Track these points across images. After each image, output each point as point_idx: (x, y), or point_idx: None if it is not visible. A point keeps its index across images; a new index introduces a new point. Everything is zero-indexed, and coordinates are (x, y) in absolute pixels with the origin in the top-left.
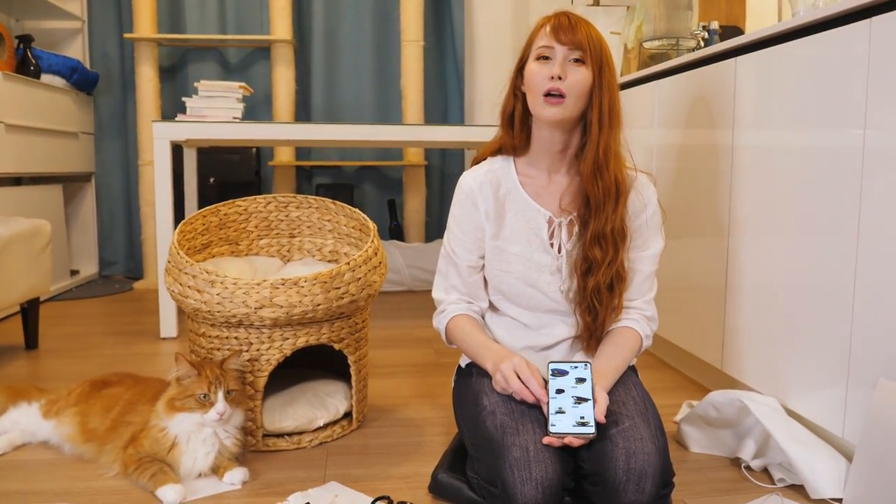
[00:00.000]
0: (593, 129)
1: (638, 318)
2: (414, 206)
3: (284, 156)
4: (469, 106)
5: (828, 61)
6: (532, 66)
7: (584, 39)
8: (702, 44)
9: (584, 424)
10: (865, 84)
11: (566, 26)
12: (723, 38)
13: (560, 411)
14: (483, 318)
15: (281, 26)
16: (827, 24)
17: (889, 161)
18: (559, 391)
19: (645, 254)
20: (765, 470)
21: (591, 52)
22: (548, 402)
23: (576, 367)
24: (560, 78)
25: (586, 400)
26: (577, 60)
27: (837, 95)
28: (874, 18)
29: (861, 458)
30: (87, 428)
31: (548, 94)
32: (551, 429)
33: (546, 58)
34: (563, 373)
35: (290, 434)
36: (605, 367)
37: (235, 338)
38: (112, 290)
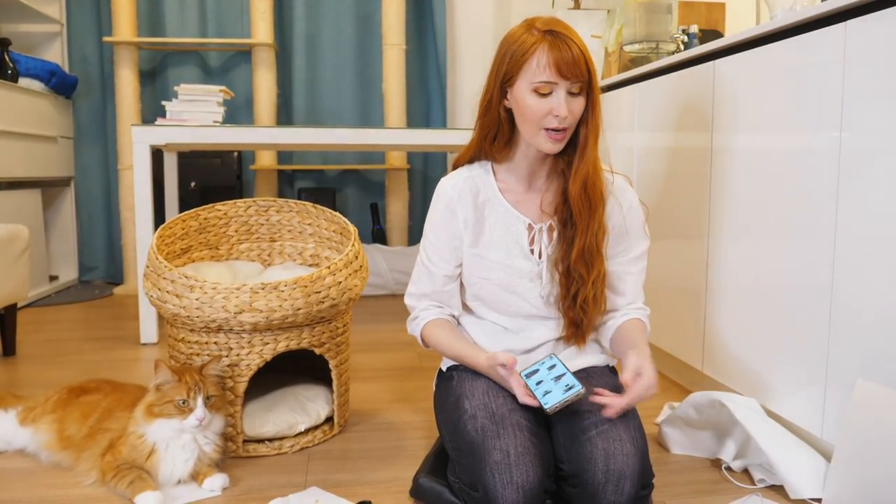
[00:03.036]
0: (587, 149)
1: (640, 314)
2: (396, 210)
3: (266, 160)
4: (451, 109)
5: (805, 64)
6: (529, 101)
7: (584, 69)
8: (682, 47)
9: (570, 388)
10: (841, 86)
11: (568, 59)
12: (702, 41)
13: (547, 392)
14: (457, 321)
15: (262, 29)
16: (804, 28)
17: (865, 163)
18: (538, 382)
19: (631, 255)
20: (745, 471)
21: (590, 79)
22: (534, 396)
23: (542, 363)
24: (566, 116)
25: (563, 374)
26: (576, 92)
27: (814, 98)
28: (849, 22)
29: (840, 457)
30: (64, 435)
31: (550, 129)
32: (546, 406)
33: (546, 93)
34: (534, 371)
35: (270, 439)
36: (636, 341)
37: (215, 343)
38: (92, 295)
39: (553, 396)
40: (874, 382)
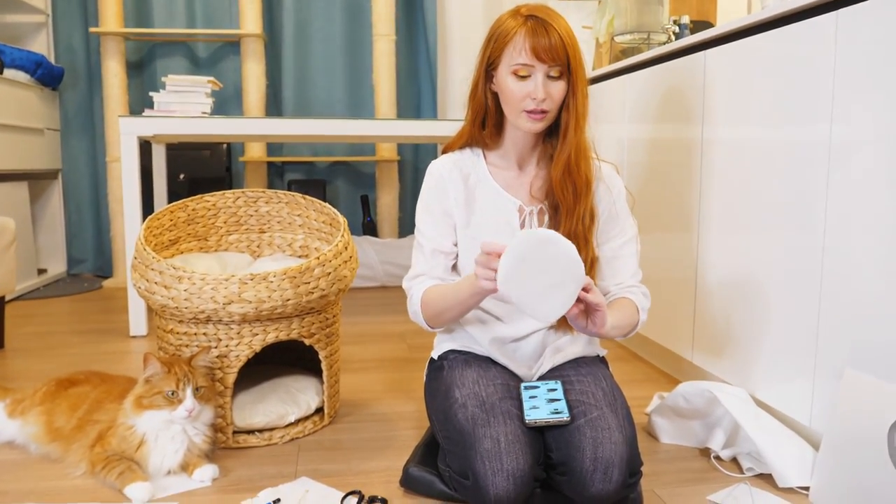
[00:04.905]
0: (569, 133)
1: (635, 291)
2: (387, 202)
3: (256, 151)
4: (441, 100)
5: (795, 54)
6: (510, 83)
7: (562, 54)
8: (673, 38)
9: (557, 413)
10: (832, 77)
11: (545, 44)
12: (694, 32)
13: (534, 407)
14: None
15: (251, 20)
16: (794, 17)
17: (854, 154)
18: (532, 397)
19: (624, 238)
20: (734, 459)
21: (569, 63)
22: (521, 391)
23: (546, 383)
24: (544, 99)
25: (558, 400)
26: (555, 76)
27: (805, 88)
28: (840, 11)
29: (827, 446)
30: (53, 427)
31: (530, 111)
32: (527, 418)
33: (525, 75)
34: (534, 387)
35: (260, 430)
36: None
37: (204, 334)
38: (80, 288)
39: (538, 413)
40: (862, 372)
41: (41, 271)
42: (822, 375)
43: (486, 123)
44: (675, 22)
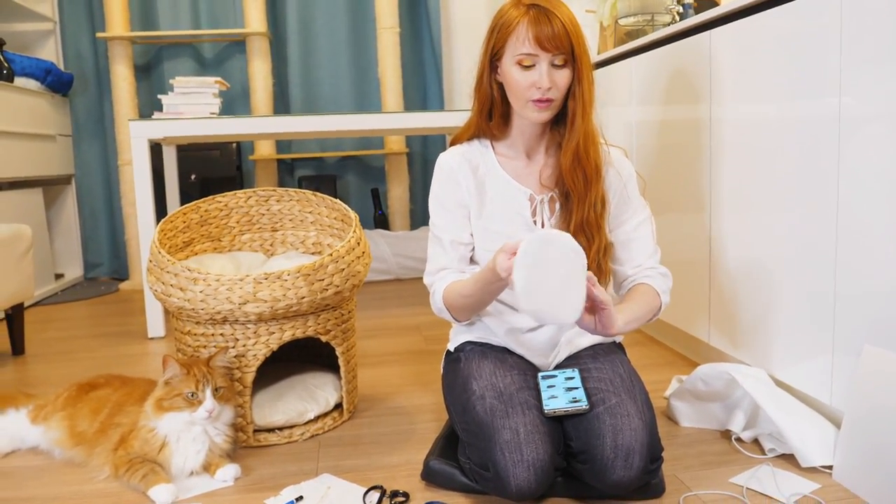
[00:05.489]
0: (576, 121)
1: (653, 274)
2: (397, 195)
3: (265, 149)
4: (448, 91)
5: (801, 30)
6: (514, 73)
7: (566, 42)
8: (677, 18)
9: (576, 402)
10: (839, 52)
11: (548, 33)
12: (698, 11)
13: (553, 396)
14: None
15: (255, 19)
16: None
17: (864, 127)
18: (550, 386)
19: (637, 220)
20: (755, 441)
21: (573, 50)
22: (538, 383)
23: (563, 372)
24: (549, 88)
25: (576, 388)
26: (560, 64)
27: (812, 64)
28: None
29: (849, 424)
30: (75, 431)
31: (535, 100)
32: (545, 408)
33: (529, 65)
34: (552, 376)
35: (280, 428)
36: (622, 308)
37: (221, 334)
38: (98, 291)
39: (557, 402)
40: (881, 348)
41: (58, 276)
42: (840, 353)
43: (493, 114)
44: (678, 2)
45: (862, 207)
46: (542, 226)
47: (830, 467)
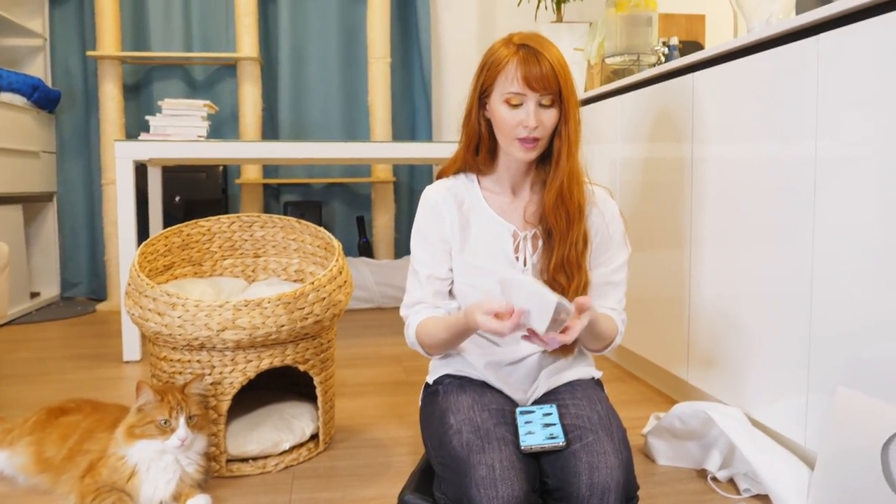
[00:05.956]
0: (561, 160)
1: (616, 316)
2: (383, 223)
3: (252, 173)
4: (437, 122)
5: (781, 75)
6: (502, 112)
7: (553, 83)
8: (662, 59)
9: (553, 438)
10: (816, 96)
11: (537, 73)
12: (683, 53)
13: (529, 432)
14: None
15: (247, 43)
16: (779, 41)
17: (839, 170)
18: (527, 422)
19: (613, 266)
20: (731, 481)
21: (561, 91)
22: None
23: (541, 408)
24: (536, 127)
25: (553, 424)
26: (547, 104)
27: (790, 108)
28: (821, 35)
29: (822, 465)
30: (42, 457)
31: (522, 139)
32: (522, 444)
33: (517, 104)
34: (530, 412)
35: (254, 458)
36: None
37: (198, 361)
38: (74, 312)
39: (533, 438)
40: (855, 390)
41: (34, 295)
42: (815, 393)
43: (480, 149)
44: (664, 43)
45: (837, 248)
46: (525, 263)
47: None
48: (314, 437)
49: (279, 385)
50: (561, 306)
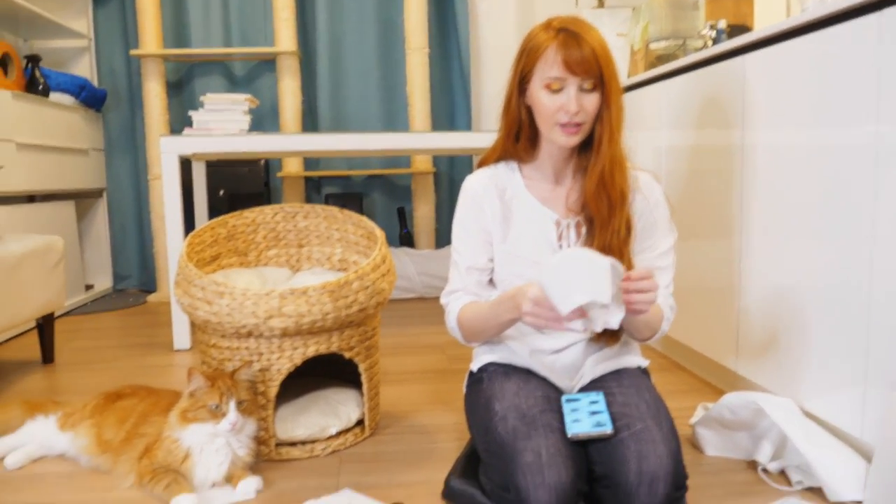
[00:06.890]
0: (602, 146)
1: (664, 304)
2: (423, 214)
3: (293, 167)
4: (476, 111)
5: (837, 57)
6: (542, 97)
7: (595, 67)
8: (709, 43)
9: (600, 426)
10: (877, 79)
11: (577, 57)
12: (731, 36)
13: (576, 420)
14: None
15: (286, 38)
16: (835, 19)
17: None
18: (574, 410)
19: (659, 251)
20: (782, 472)
21: (602, 75)
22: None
23: (588, 395)
24: (577, 112)
25: (600, 412)
26: (589, 89)
27: (848, 91)
28: (885, 11)
29: (880, 459)
30: (102, 439)
31: (562, 124)
32: (569, 432)
33: (557, 89)
34: (576, 399)
35: (302, 442)
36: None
37: (246, 348)
38: (126, 303)
39: (580, 426)
40: None
41: (88, 287)
42: (873, 385)
43: (521, 137)
44: (711, 26)
45: None
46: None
47: (860, 502)
48: (360, 422)
49: (325, 371)
50: (615, 269)
